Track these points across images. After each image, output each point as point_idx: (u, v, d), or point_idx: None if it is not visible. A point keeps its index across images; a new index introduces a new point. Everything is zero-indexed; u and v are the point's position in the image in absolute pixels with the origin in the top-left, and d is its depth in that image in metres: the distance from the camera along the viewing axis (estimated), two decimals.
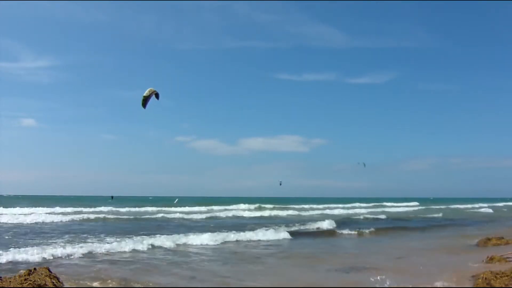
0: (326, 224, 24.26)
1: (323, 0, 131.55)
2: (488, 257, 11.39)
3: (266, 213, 40.03)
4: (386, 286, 8.91)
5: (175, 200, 67.62)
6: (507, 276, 8.44)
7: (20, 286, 7.36)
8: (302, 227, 23.50)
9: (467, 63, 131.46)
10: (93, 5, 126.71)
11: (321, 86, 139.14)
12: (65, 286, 8.21)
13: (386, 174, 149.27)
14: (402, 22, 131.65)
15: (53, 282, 7.73)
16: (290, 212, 42.03)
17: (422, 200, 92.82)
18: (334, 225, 24.21)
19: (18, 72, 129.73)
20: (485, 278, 8.54)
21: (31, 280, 7.48)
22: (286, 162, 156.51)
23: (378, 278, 9.11)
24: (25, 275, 7.62)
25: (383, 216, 35.82)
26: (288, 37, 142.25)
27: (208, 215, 34.57)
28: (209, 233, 17.90)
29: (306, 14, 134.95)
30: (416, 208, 59.73)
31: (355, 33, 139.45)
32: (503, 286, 8.18)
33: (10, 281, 7.46)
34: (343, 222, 27.56)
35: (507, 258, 11.31)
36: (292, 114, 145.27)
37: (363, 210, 49.06)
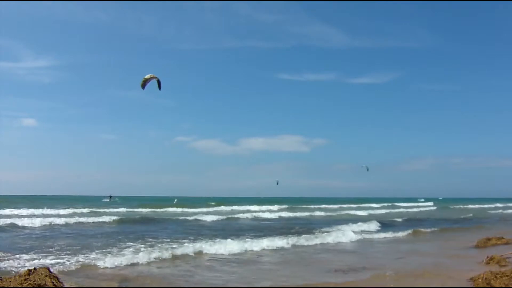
0: (374, 226, 23.26)
1: (324, 0, 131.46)
2: (488, 257, 11.38)
3: (292, 214, 37.98)
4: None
5: (174, 200, 67.72)
6: (507, 276, 8.44)
7: (20, 286, 7.37)
8: (357, 228, 21.92)
9: (468, 63, 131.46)
10: (94, 5, 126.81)
11: (322, 86, 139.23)
12: (65, 286, 8.22)
13: (386, 174, 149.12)
14: (403, 22, 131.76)
15: (53, 282, 7.73)
16: (316, 213, 40.05)
17: (431, 201, 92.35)
18: (380, 227, 23.22)
19: (19, 72, 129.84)
20: (485, 278, 8.55)
21: (31, 280, 7.49)
22: (287, 162, 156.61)
23: None
24: (25, 275, 7.63)
25: (418, 216, 35.03)
26: (289, 37, 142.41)
27: (230, 216, 32.80)
28: (278, 236, 17.09)
29: (306, 14, 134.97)
30: (433, 208, 58.17)
31: (356, 33, 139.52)
32: (503, 286, 8.18)
33: (10, 281, 7.46)
34: (384, 223, 26.08)
35: (507, 258, 11.30)
36: (293, 114, 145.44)
37: (383, 211, 47.75)
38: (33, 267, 8.13)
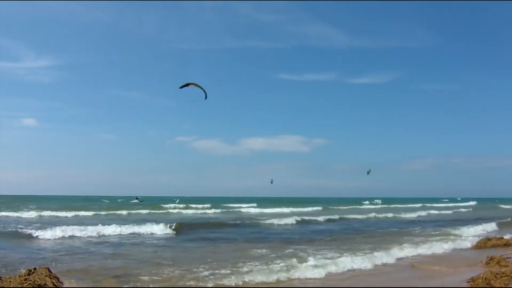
0: (494, 226, 22.71)
1: (324, 0, 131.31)
2: (488, 257, 11.38)
3: (361, 217, 35.16)
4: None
5: (176, 200, 67.32)
6: (507, 276, 8.44)
7: (20, 286, 7.38)
8: (472, 230, 20.96)
9: (468, 63, 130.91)
10: (94, 5, 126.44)
11: (322, 86, 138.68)
12: (65, 286, 8.22)
13: (386, 174, 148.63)
14: (403, 22, 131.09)
15: (53, 282, 7.75)
16: (381, 214, 37.50)
17: (453, 201, 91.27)
18: (497, 228, 22.49)
19: (19, 72, 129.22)
20: (485, 278, 8.54)
21: (31, 280, 7.50)
22: (287, 162, 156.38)
23: None
24: (25, 275, 7.64)
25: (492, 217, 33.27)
26: (290, 37, 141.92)
27: (301, 218, 29.92)
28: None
29: (307, 14, 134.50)
30: (470, 210, 54.58)
31: (357, 33, 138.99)
32: (503, 286, 8.18)
33: (10, 281, 7.47)
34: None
35: (507, 258, 11.29)
36: (293, 114, 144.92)
37: (431, 211, 45.23)
38: (33, 267, 8.14)
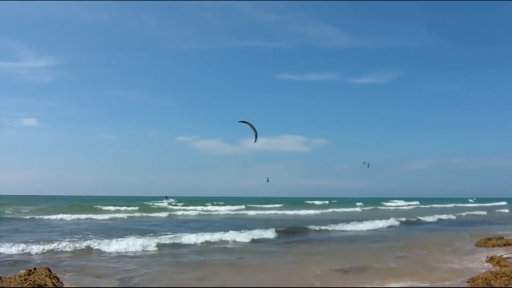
0: None
1: (326, 0, 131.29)
2: (488, 257, 11.38)
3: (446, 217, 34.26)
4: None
5: (169, 199, 67.05)
6: (507, 276, 8.44)
7: (20, 286, 7.38)
8: None
9: (469, 63, 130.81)
10: (95, 5, 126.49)
11: (323, 86, 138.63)
12: (65, 286, 8.23)
13: (387, 174, 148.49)
14: (404, 22, 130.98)
15: (53, 282, 7.75)
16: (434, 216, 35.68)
17: (459, 200, 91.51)
18: None
19: (19, 72, 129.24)
20: (485, 278, 8.54)
21: (31, 280, 7.50)
22: (288, 162, 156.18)
23: None
24: (25, 275, 7.64)
25: None
26: (291, 37, 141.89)
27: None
28: None
29: (308, 14, 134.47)
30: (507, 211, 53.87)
31: (358, 33, 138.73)
32: (503, 286, 8.18)
33: (10, 281, 7.47)
34: None
35: (507, 258, 11.29)
36: (294, 114, 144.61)
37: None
38: (33, 267, 8.14)
